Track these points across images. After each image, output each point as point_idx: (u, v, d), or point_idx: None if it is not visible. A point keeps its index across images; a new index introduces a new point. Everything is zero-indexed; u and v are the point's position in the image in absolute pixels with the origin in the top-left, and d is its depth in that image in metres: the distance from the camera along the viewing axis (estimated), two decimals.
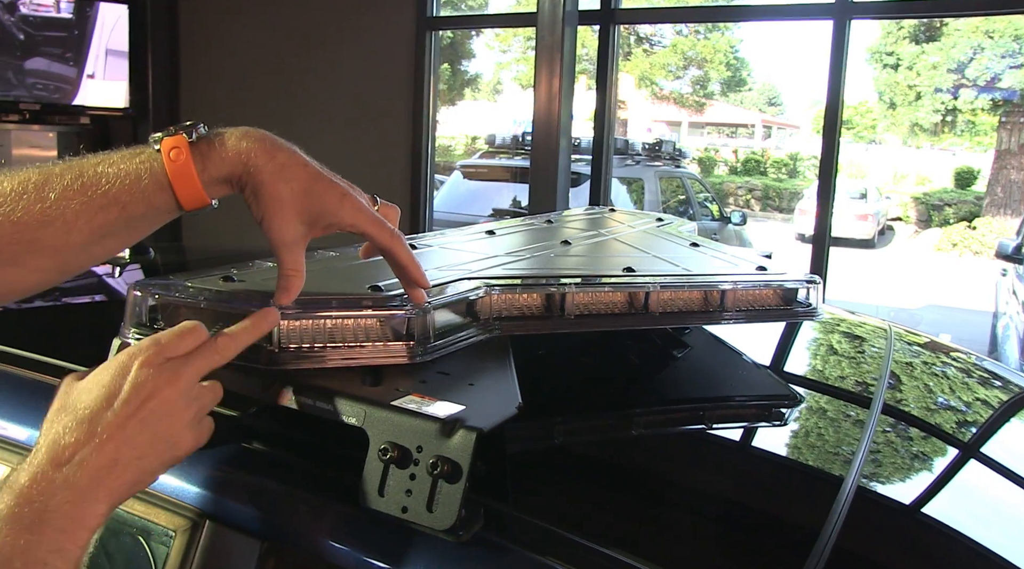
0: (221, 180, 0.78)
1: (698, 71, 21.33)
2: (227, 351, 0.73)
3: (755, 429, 1.12)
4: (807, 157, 21.29)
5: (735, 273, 1.15)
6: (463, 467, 0.67)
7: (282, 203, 0.77)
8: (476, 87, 21.80)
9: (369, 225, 0.81)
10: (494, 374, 0.86)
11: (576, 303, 1.01)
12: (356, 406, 0.72)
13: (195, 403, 0.71)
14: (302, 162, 0.79)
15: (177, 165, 0.76)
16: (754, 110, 27.32)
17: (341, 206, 0.80)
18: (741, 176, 21.45)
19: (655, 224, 1.64)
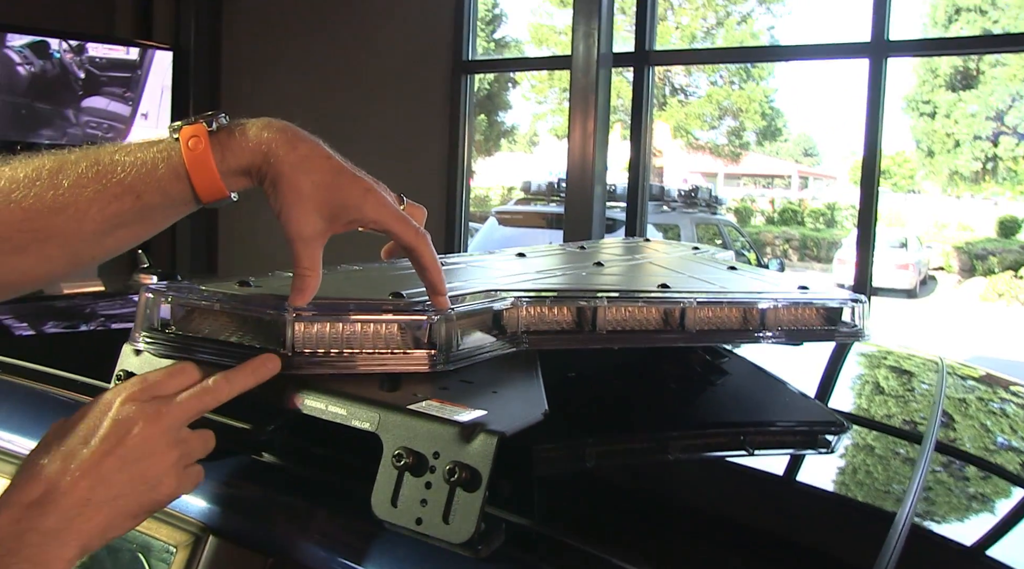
0: (240, 171, 0.75)
1: (733, 121, 21.34)
2: (219, 393, 0.69)
3: (800, 457, 1.06)
4: (845, 207, 21.13)
5: (775, 291, 1.10)
6: (482, 474, 0.61)
7: (301, 195, 0.74)
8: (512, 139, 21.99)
9: (393, 221, 0.77)
10: (520, 383, 0.81)
11: (608, 318, 0.96)
12: (370, 410, 0.67)
13: (180, 446, 0.67)
14: (325, 154, 0.76)
15: (195, 154, 0.73)
16: (790, 161, 27.24)
17: (364, 200, 0.76)
18: (778, 226, 21.32)
19: (691, 251, 1.59)
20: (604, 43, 4.03)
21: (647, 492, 0.95)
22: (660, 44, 4.80)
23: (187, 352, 0.79)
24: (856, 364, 1.59)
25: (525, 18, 17.78)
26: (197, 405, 0.68)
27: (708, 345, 1.31)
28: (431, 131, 5.03)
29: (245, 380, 0.71)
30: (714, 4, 17.60)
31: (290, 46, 5.49)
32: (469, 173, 5.17)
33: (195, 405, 0.68)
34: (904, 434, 1.20)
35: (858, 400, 1.42)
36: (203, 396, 0.68)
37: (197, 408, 0.68)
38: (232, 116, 0.78)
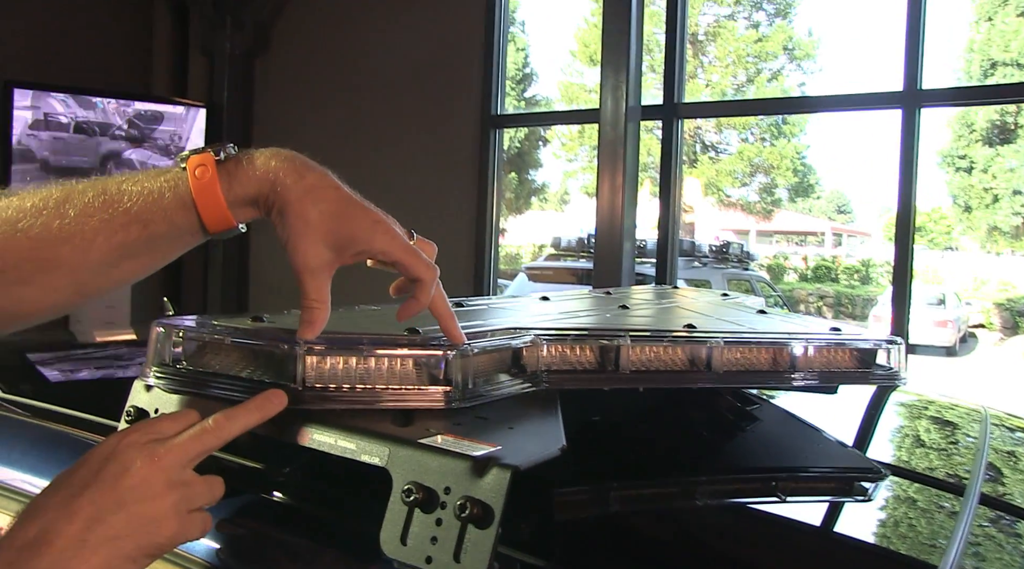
0: (248, 201, 0.74)
1: (765, 178, 21.31)
2: (222, 432, 0.67)
3: (835, 505, 1.01)
4: (880, 263, 20.91)
5: (806, 333, 1.06)
6: (495, 510, 0.58)
7: (309, 225, 0.72)
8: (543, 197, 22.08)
9: (402, 253, 0.75)
10: (538, 420, 0.78)
11: (632, 358, 0.93)
12: (379, 444, 0.65)
13: (181, 489, 0.64)
14: (333, 184, 0.75)
15: (202, 183, 0.72)
16: (823, 218, 27.09)
17: (373, 231, 0.74)
18: (812, 283, 21.12)
19: (719, 297, 1.56)
20: (632, 96, 4.04)
21: (673, 539, 0.91)
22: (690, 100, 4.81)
23: (198, 387, 0.78)
24: (894, 414, 1.54)
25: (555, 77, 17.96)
26: (197, 446, 0.66)
27: (738, 391, 1.27)
28: (460, 186, 5.06)
29: (249, 418, 0.68)
30: (744, 62, 17.71)
31: (320, 101, 5.57)
32: (498, 228, 5.17)
33: (195, 446, 0.66)
34: (946, 485, 1.14)
35: (897, 450, 1.37)
36: (203, 436, 0.66)
37: (197, 449, 0.66)
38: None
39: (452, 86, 5.10)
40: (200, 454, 0.66)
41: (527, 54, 17.37)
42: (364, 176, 4.33)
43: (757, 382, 1.04)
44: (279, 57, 5.85)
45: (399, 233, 0.76)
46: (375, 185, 4.26)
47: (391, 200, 3.77)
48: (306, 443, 0.69)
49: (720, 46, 18.05)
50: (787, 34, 17.60)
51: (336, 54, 5.55)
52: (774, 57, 17.86)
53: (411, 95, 5.21)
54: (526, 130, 17.80)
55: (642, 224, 4.62)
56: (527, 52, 17.31)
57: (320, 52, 5.63)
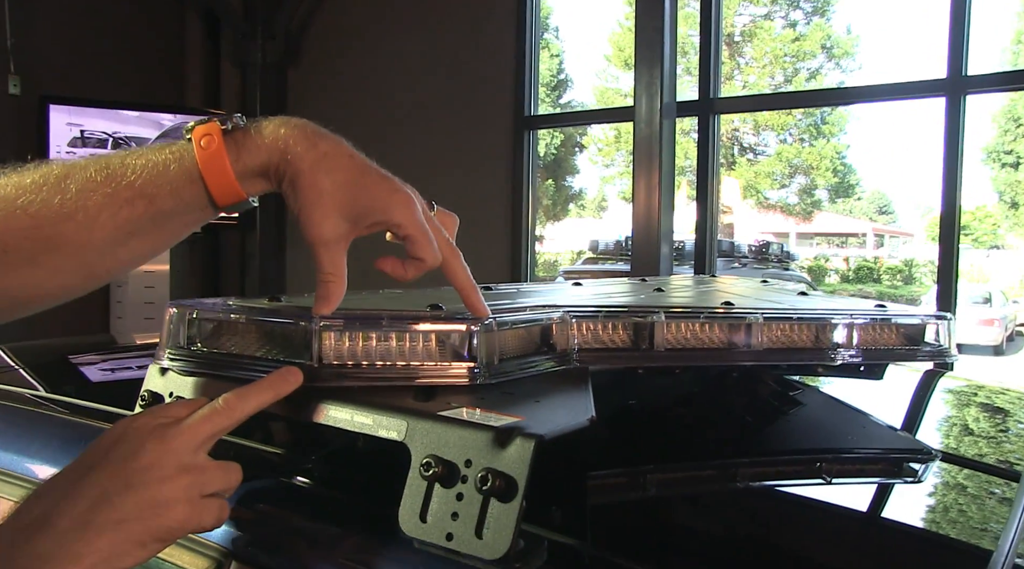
0: (257, 171, 0.70)
1: (804, 179, 21.07)
2: (234, 412, 0.64)
3: (883, 487, 0.96)
4: (923, 263, 20.57)
5: (851, 310, 1.01)
6: (519, 483, 0.55)
7: (322, 195, 0.68)
8: (581, 204, 22.02)
9: (415, 229, 0.71)
10: (566, 393, 0.74)
11: (666, 336, 0.89)
12: (397, 418, 0.61)
13: (194, 472, 0.61)
14: (347, 152, 0.71)
15: (208, 153, 0.68)
16: (864, 219, 26.71)
17: (391, 201, 0.70)
18: (854, 284, 20.82)
19: (759, 283, 1.51)
20: (667, 92, 3.98)
21: (712, 523, 0.87)
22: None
23: (214, 368, 0.75)
24: (942, 400, 1.48)
25: (590, 82, 17.89)
26: (208, 426, 0.63)
27: (779, 377, 1.23)
28: (495, 189, 5.03)
29: (262, 396, 0.65)
30: (782, 61, 17.53)
31: (352, 108, 5.57)
32: (534, 230, 5.14)
33: (206, 427, 0.63)
34: (999, 471, 1.09)
35: (945, 437, 1.31)
36: (214, 417, 0.63)
37: (209, 430, 0.63)
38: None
39: (484, 89, 5.08)
40: (212, 435, 0.63)
41: (561, 60, 17.33)
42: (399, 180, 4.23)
43: (799, 360, 0.99)
44: (311, 66, 5.88)
45: (418, 205, 0.72)
46: None
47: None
48: (322, 420, 0.65)
49: (756, 46, 17.88)
50: (825, 32, 17.38)
51: (367, 60, 5.55)
52: (812, 56, 17.65)
53: (443, 99, 5.20)
54: (562, 137, 17.74)
55: (680, 228, 4.56)
56: (561, 58, 17.26)
57: (351, 59, 5.64)
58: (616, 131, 16.10)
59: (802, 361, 0.97)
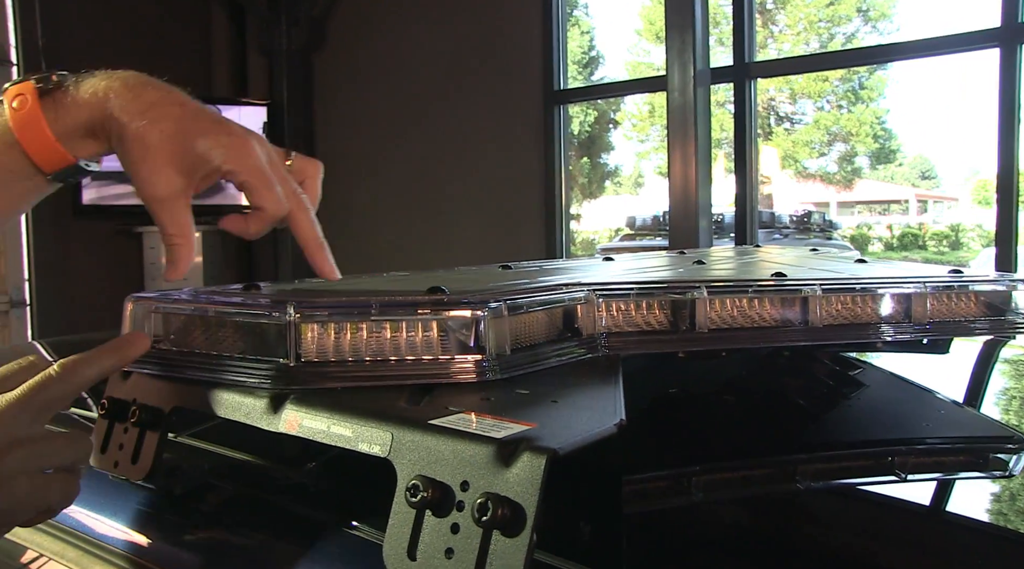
0: (82, 131, 0.63)
1: (844, 146, 20.69)
2: (72, 378, 0.56)
3: (969, 483, 0.83)
4: (970, 227, 20.10)
5: (923, 277, 0.88)
6: (527, 511, 0.43)
7: (149, 149, 0.62)
8: (617, 181, 21.83)
9: (251, 174, 0.63)
10: (591, 390, 0.62)
11: (710, 314, 0.77)
12: (381, 429, 0.50)
13: (28, 445, 0.53)
14: (178, 100, 0.64)
15: (21, 114, 0.62)
16: (906, 185, 26.17)
17: (221, 148, 0.63)
18: (898, 251, 20.41)
19: (808, 251, 1.38)
20: (700, 59, 3.82)
21: (770, 532, 0.75)
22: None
23: (181, 370, 0.64)
24: (1008, 372, 1.33)
25: (621, 58, 17.65)
26: (41, 395, 0.55)
27: (835, 354, 1.10)
28: (527, 167, 4.90)
29: (103, 362, 0.59)
30: (816, 27, 17.15)
31: (380, 90, 5.48)
32: (568, 207, 5.01)
33: (40, 395, 0.55)
34: None
35: (1005, 416, 1.17)
36: (48, 384, 0.55)
37: (43, 399, 0.55)
38: (328, 163, 0.69)
39: (512, 65, 4.96)
40: (47, 405, 0.55)
41: (592, 37, 17.09)
42: (430, 161, 4.23)
43: (863, 338, 0.85)
44: (337, 50, 5.79)
45: (257, 150, 0.64)
46: (442, 170, 4.15)
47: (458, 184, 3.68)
48: (294, 431, 0.54)
49: (790, 13, 17.52)
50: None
51: (393, 41, 5.45)
52: (848, 20, 17.25)
53: (472, 77, 5.09)
54: (595, 114, 17.53)
55: (718, 200, 4.40)
56: (592, 35, 17.02)
57: (377, 42, 5.54)
58: (650, 106, 15.87)
59: (869, 339, 0.84)
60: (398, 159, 5.37)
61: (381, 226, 5.37)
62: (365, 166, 5.49)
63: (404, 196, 5.36)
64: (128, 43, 5.48)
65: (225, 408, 0.59)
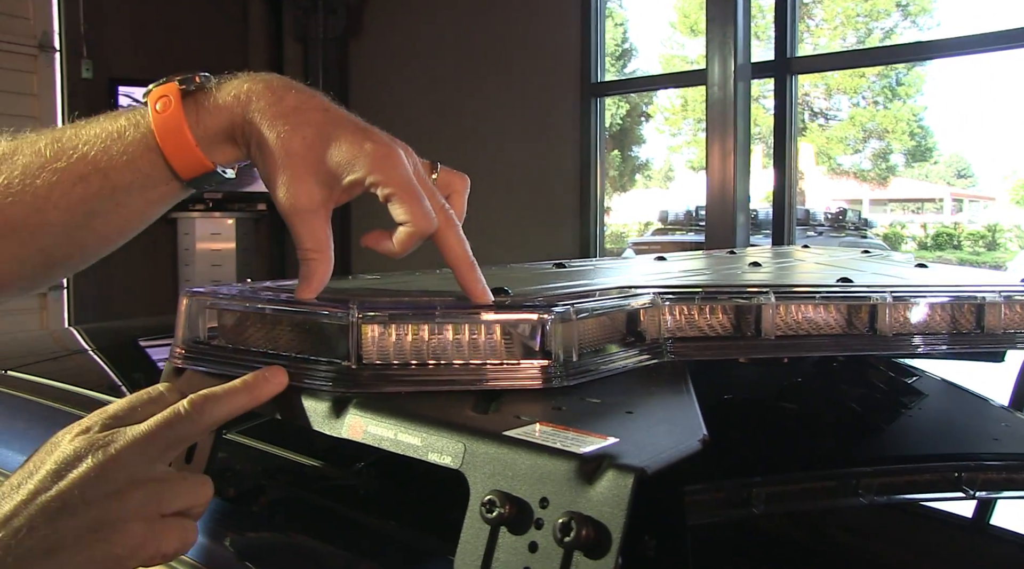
0: (221, 135, 0.60)
1: (879, 143, 20.44)
2: (201, 417, 0.53)
3: None
4: (1008, 228, 19.81)
5: (995, 285, 0.85)
6: (613, 533, 0.41)
7: (291, 156, 0.58)
8: (647, 174, 21.71)
9: (397, 184, 0.58)
10: (666, 401, 0.59)
11: (777, 320, 0.74)
12: (452, 439, 0.48)
13: (148, 486, 0.49)
14: (321, 105, 0.60)
15: (164, 117, 0.59)
16: (941, 183, 25.82)
17: (365, 157, 0.58)
18: (932, 251, 20.16)
19: (861, 254, 1.34)
20: (741, 53, 3.77)
21: (833, 547, 0.72)
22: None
23: (235, 367, 0.63)
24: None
25: (656, 50, 17.54)
26: (168, 433, 0.51)
27: (895, 361, 1.07)
28: (563, 159, 4.88)
29: (236, 401, 0.54)
30: (854, 22, 16.94)
31: (416, 79, 5.48)
32: (603, 200, 4.97)
33: (164, 433, 0.51)
34: None
35: None
36: (175, 423, 0.52)
37: (168, 437, 0.51)
38: None
39: (549, 56, 4.93)
40: (173, 444, 0.52)
41: (626, 29, 16.98)
42: (465, 152, 4.21)
43: (935, 348, 0.82)
44: (373, 38, 5.79)
45: (403, 161, 0.59)
46: (476, 161, 4.13)
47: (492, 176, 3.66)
48: (359, 438, 0.52)
49: (827, 7, 17.31)
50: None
51: (428, 31, 5.44)
52: (886, 15, 17.00)
53: (508, 68, 5.07)
54: (627, 107, 17.44)
55: (754, 195, 4.35)
56: (626, 27, 16.92)
57: (413, 30, 5.53)
58: (683, 99, 15.74)
59: (941, 349, 0.81)
60: (433, 149, 5.29)
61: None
62: None
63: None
64: (166, 30, 5.53)
65: (284, 410, 0.57)
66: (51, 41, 5.07)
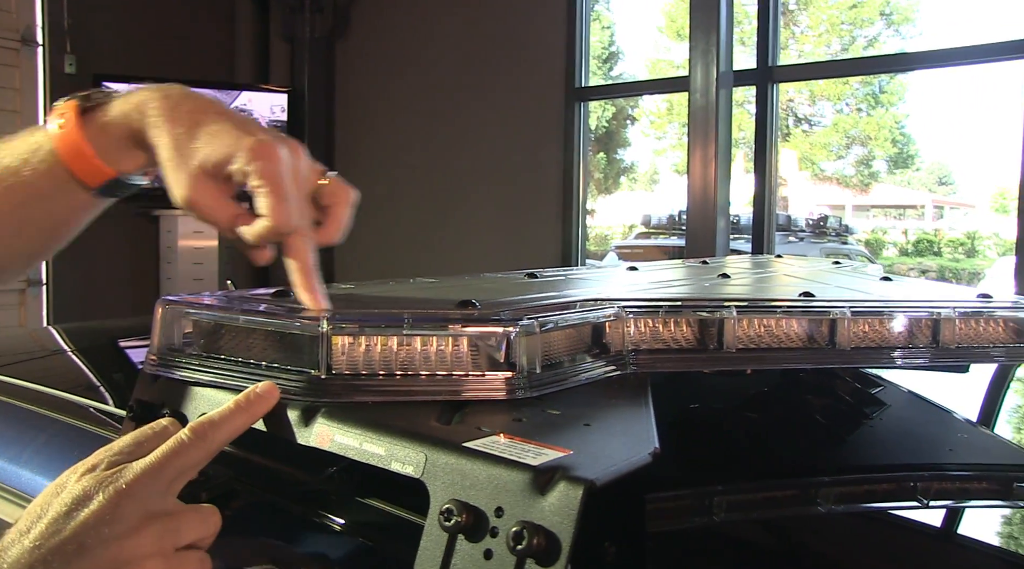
0: (123, 143, 0.64)
1: (862, 149, 20.53)
2: (206, 443, 0.53)
3: (993, 511, 0.82)
4: (987, 236, 19.97)
5: (951, 301, 0.87)
6: (563, 541, 0.43)
7: (181, 155, 0.61)
8: (633, 177, 21.73)
9: (267, 178, 0.60)
10: (623, 413, 0.62)
11: (738, 333, 0.77)
12: (414, 449, 0.50)
13: (162, 521, 0.50)
14: (214, 110, 0.62)
15: (63, 132, 0.64)
16: (923, 190, 26.00)
17: (242, 149, 0.60)
18: (913, 257, 20.29)
19: (831, 264, 1.37)
20: (724, 61, 3.80)
21: (792, 554, 0.74)
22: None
23: (211, 376, 0.64)
24: (1013, 393, 1.33)
25: (642, 54, 17.58)
26: (177, 462, 0.52)
27: (859, 371, 1.09)
28: (546, 162, 4.90)
29: (235, 421, 0.55)
30: (838, 29, 17.03)
31: (402, 80, 5.49)
32: (586, 203, 5.00)
33: (174, 463, 0.52)
34: None
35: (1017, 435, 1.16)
36: (182, 451, 0.52)
37: (178, 466, 0.52)
38: (346, 152, 0.65)
39: (534, 60, 4.95)
40: (181, 474, 0.52)
41: (612, 32, 17.02)
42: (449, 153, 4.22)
43: (891, 362, 0.85)
44: (359, 39, 5.79)
45: (280, 161, 0.61)
46: (460, 162, 4.15)
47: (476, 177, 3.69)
48: (326, 446, 0.54)
49: (812, 15, 17.40)
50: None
51: (416, 32, 5.45)
52: (870, 23, 17.11)
53: (493, 71, 5.08)
54: (613, 109, 17.48)
55: (736, 200, 4.39)
56: (612, 30, 16.96)
57: (400, 31, 5.54)
58: (668, 103, 15.79)
59: (894, 363, 0.83)
60: (417, 149, 5.37)
61: (399, 216, 5.38)
62: (384, 156, 5.50)
63: (422, 187, 5.37)
64: (152, 27, 5.50)
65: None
66: (34, 35, 5.04)
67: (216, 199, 0.62)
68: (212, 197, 0.62)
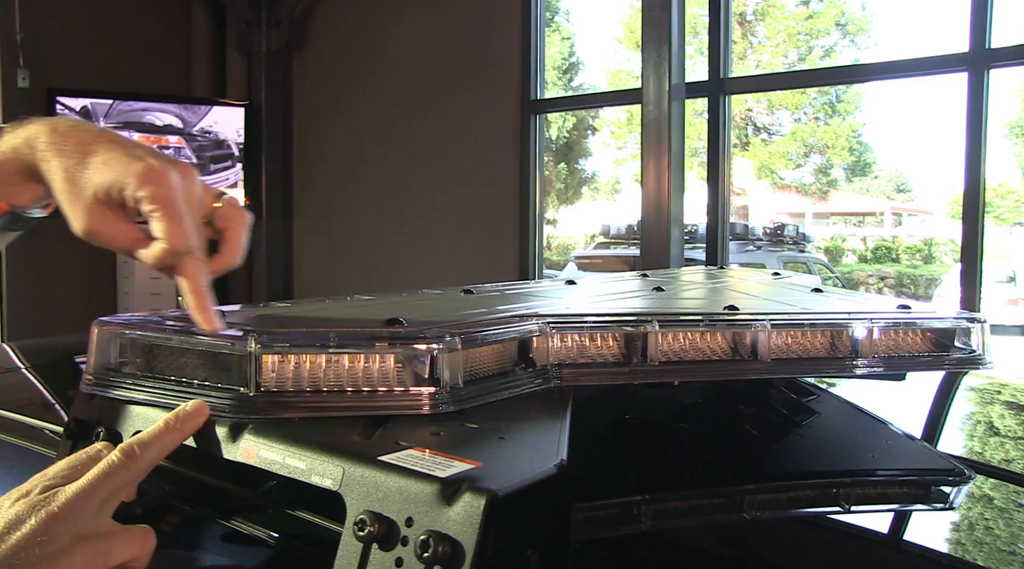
0: (18, 177, 0.65)
1: (820, 158, 20.83)
2: (135, 463, 0.55)
3: (908, 514, 0.86)
4: (943, 242, 20.31)
5: (870, 312, 0.91)
6: (466, 549, 0.45)
7: (74, 185, 0.62)
8: (594, 187, 21.87)
9: (159, 202, 0.61)
10: (538, 426, 0.64)
11: (662, 347, 0.79)
12: (333, 462, 0.52)
13: (94, 542, 0.51)
14: (106, 138, 0.63)
15: None
16: (882, 197, 26.40)
17: (132, 175, 0.61)
18: (872, 264, 20.59)
19: (769, 277, 1.41)
20: (676, 73, 3.87)
21: (717, 560, 0.77)
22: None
23: (146, 394, 0.66)
24: (966, 401, 1.37)
25: (602, 64, 17.72)
26: (107, 484, 0.53)
27: (792, 381, 1.13)
28: (503, 174, 4.93)
29: (165, 440, 0.57)
30: (795, 40, 17.29)
31: (358, 94, 5.51)
32: (543, 216, 5.03)
33: (105, 484, 0.53)
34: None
35: (970, 442, 1.20)
36: (112, 473, 0.53)
37: (108, 488, 0.53)
38: (304, 165, 0.66)
39: (491, 73, 4.98)
40: (113, 493, 0.54)
41: (573, 43, 17.15)
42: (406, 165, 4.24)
43: (813, 372, 0.89)
44: (316, 52, 5.80)
45: (172, 185, 0.62)
46: (417, 173, 4.17)
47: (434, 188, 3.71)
48: (252, 461, 0.56)
49: (769, 25, 17.65)
50: (839, 9, 17.14)
51: (372, 45, 5.47)
52: (826, 34, 17.40)
53: (450, 84, 5.11)
54: (574, 120, 17.59)
55: (694, 210, 4.44)
56: (572, 41, 17.08)
57: (357, 45, 5.55)
58: (628, 113, 15.96)
59: (817, 372, 0.87)
60: (375, 162, 5.38)
61: (357, 227, 5.38)
62: (342, 168, 5.50)
63: (380, 198, 5.37)
64: (107, 40, 5.46)
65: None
66: None
67: (114, 226, 0.63)
68: (110, 225, 0.63)
